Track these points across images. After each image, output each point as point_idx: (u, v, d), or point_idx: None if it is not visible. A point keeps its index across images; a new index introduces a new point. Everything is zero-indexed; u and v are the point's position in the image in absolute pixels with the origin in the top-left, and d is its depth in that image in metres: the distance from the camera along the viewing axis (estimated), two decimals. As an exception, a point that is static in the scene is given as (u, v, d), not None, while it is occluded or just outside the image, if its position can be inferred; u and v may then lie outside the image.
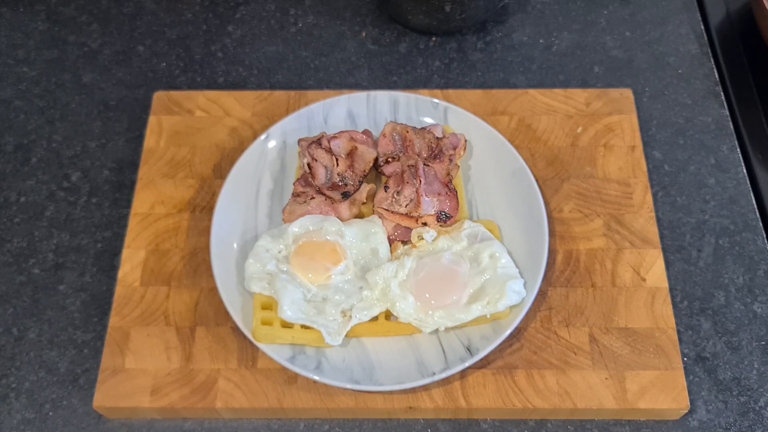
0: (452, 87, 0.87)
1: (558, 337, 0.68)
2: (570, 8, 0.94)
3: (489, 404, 0.65)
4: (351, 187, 0.73)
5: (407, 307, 0.67)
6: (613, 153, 0.79)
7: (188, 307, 0.70)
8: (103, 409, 0.66)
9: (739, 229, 0.76)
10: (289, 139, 0.79)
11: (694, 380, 0.68)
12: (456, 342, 0.67)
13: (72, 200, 0.79)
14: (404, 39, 0.92)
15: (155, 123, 0.81)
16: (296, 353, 0.66)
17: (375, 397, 0.65)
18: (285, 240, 0.71)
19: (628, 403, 0.65)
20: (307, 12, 0.94)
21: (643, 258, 0.72)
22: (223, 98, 0.83)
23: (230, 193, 0.74)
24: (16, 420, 0.67)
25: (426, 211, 0.71)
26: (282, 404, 0.65)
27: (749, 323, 0.71)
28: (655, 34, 0.91)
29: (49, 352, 0.70)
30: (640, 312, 0.69)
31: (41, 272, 0.75)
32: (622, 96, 0.83)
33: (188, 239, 0.74)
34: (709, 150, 0.81)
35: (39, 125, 0.85)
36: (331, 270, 0.69)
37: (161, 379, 0.66)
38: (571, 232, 0.74)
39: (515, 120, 0.81)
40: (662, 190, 0.78)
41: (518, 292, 0.67)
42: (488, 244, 0.70)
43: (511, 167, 0.75)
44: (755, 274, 0.73)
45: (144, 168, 0.79)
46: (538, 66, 0.89)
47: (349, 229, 0.71)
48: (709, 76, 0.87)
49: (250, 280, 0.69)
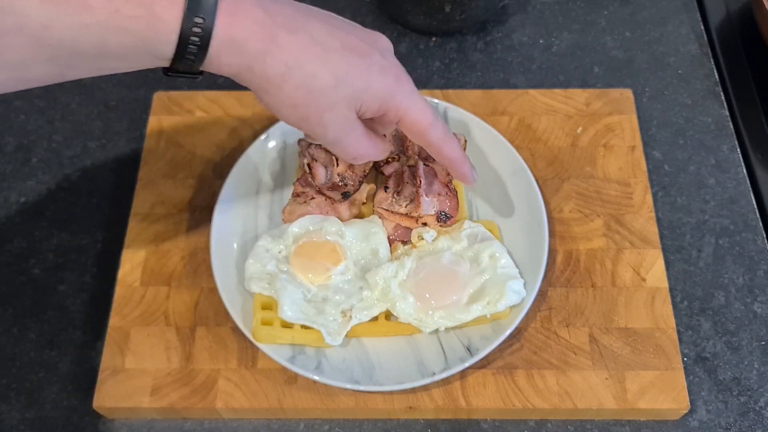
0: (452, 87, 0.87)
1: (558, 337, 0.68)
2: (570, 8, 0.94)
3: (489, 404, 0.65)
4: (351, 187, 0.73)
5: (407, 307, 0.67)
6: (613, 153, 0.79)
7: (188, 307, 0.70)
8: (103, 409, 0.66)
9: (739, 229, 0.76)
10: (289, 139, 0.79)
11: (694, 380, 0.68)
12: (456, 342, 0.67)
13: (72, 200, 0.79)
14: (404, 39, 0.92)
15: (155, 123, 0.81)
16: (296, 353, 0.66)
17: (375, 397, 0.65)
18: (285, 240, 0.71)
19: (628, 403, 0.65)
20: (307, 12, 0.94)
21: (643, 258, 0.72)
22: (223, 98, 0.83)
23: (230, 193, 0.74)
24: (16, 420, 0.67)
25: (426, 211, 0.71)
26: (282, 404, 0.65)
27: (749, 323, 0.71)
28: (655, 34, 0.91)
29: (49, 352, 0.70)
30: (640, 312, 0.69)
31: (41, 272, 0.75)
32: (622, 96, 0.83)
33: (188, 239, 0.74)
34: (709, 150, 0.81)
35: (39, 125, 0.85)
36: (331, 270, 0.69)
37: (161, 379, 0.66)
38: (571, 232, 0.74)
39: (515, 120, 0.81)
40: (662, 190, 0.79)
41: (518, 292, 0.67)
42: (488, 244, 0.70)
43: (511, 167, 0.75)
44: (755, 274, 0.73)
45: (144, 168, 0.79)
46: (538, 66, 0.89)
47: (349, 229, 0.71)
48: (709, 76, 0.87)
49: (250, 280, 0.69)
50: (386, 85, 0.55)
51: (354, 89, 0.54)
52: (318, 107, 0.54)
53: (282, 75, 0.51)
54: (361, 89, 0.54)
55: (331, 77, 0.52)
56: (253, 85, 0.53)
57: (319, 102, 0.53)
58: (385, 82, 0.55)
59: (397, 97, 0.56)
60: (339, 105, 0.54)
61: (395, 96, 0.56)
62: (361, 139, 0.58)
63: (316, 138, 0.57)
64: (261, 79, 0.52)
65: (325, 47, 0.52)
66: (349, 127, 0.56)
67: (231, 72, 0.51)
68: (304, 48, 0.51)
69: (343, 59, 0.53)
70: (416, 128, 0.58)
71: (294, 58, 0.51)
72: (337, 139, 0.56)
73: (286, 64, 0.51)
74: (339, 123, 0.55)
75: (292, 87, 0.52)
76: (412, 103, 0.57)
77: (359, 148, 0.59)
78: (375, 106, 0.56)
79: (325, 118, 0.54)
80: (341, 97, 0.54)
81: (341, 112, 0.54)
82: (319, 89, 0.52)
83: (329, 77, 0.52)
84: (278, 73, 0.51)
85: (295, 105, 0.53)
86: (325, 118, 0.54)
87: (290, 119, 0.55)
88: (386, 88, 0.55)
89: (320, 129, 0.55)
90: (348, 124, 0.56)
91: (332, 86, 0.53)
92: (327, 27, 0.54)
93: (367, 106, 0.55)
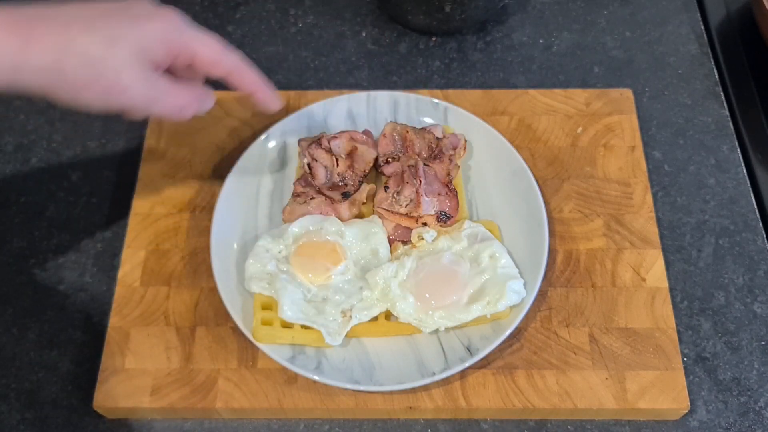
0: (452, 87, 0.86)
1: (558, 337, 0.68)
2: (570, 8, 0.94)
3: (489, 404, 0.65)
4: (351, 187, 0.73)
5: (407, 307, 0.67)
6: (613, 153, 0.79)
7: (188, 307, 0.70)
8: (103, 409, 0.66)
9: (739, 229, 0.76)
10: (289, 139, 0.79)
11: (694, 380, 0.68)
12: (456, 342, 0.67)
13: (72, 200, 0.79)
14: (404, 39, 0.92)
15: (155, 123, 0.81)
16: (296, 353, 0.66)
17: (375, 397, 0.65)
18: (285, 240, 0.71)
19: (628, 403, 0.65)
20: (307, 12, 0.94)
21: (643, 258, 0.72)
22: (223, 98, 0.83)
23: (230, 193, 0.74)
24: (16, 420, 0.67)
25: (426, 211, 0.71)
26: (282, 404, 0.65)
27: (749, 323, 0.71)
28: (655, 34, 0.91)
29: (49, 352, 0.70)
30: (640, 312, 0.69)
31: (41, 272, 0.75)
32: (622, 96, 0.83)
33: (188, 239, 0.74)
34: (709, 150, 0.81)
35: (39, 125, 0.85)
36: (331, 270, 0.69)
37: (161, 379, 0.66)
38: (571, 232, 0.74)
39: (515, 120, 0.81)
40: (662, 190, 0.79)
41: (518, 292, 0.67)
42: (488, 244, 0.70)
43: (511, 167, 0.75)
44: (755, 274, 0.73)
45: (144, 168, 0.79)
46: (538, 66, 0.89)
47: (349, 229, 0.71)
48: (709, 76, 0.87)
49: (250, 280, 0.69)
50: (161, 26, 0.54)
51: (132, 43, 0.52)
52: (109, 76, 0.52)
53: (57, 60, 0.49)
54: (139, 39, 0.53)
55: (104, 40, 0.51)
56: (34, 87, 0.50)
57: (107, 70, 0.51)
58: (159, 25, 0.54)
59: (178, 34, 0.55)
60: (127, 64, 0.52)
61: (176, 34, 0.55)
62: (175, 90, 0.57)
63: (136, 111, 0.55)
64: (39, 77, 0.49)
65: (85, 19, 0.51)
66: (154, 83, 0.54)
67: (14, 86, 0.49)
68: (64, 27, 0.50)
69: (107, 21, 0.52)
70: (210, 58, 0.58)
71: (60, 39, 0.49)
72: (151, 98, 0.55)
73: (55, 47, 0.49)
74: (141, 82, 0.53)
75: (73, 67, 0.50)
76: (195, 35, 0.57)
77: (178, 98, 0.57)
78: (162, 52, 0.54)
79: (124, 82, 0.52)
80: (125, 56, 0.52)
81: (134, 70, 0.53)
82: (99, 57, 0.51)
83: (102, 41, 0.51)
84: (51, 59, 0.49)
85: (87, 85, 0.51)
86: (123, 83, 0.52)
87: (94, 103, 0.53)
88: (162, 28, 0.54)
89: (127, 98, 0.53)
90: (150, 80, 0.54)
91: (110, 48, 0.51)
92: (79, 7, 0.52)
93: (155, 55, 0.54)
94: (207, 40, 0.58)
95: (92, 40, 0.50)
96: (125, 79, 0.52)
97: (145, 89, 0.53)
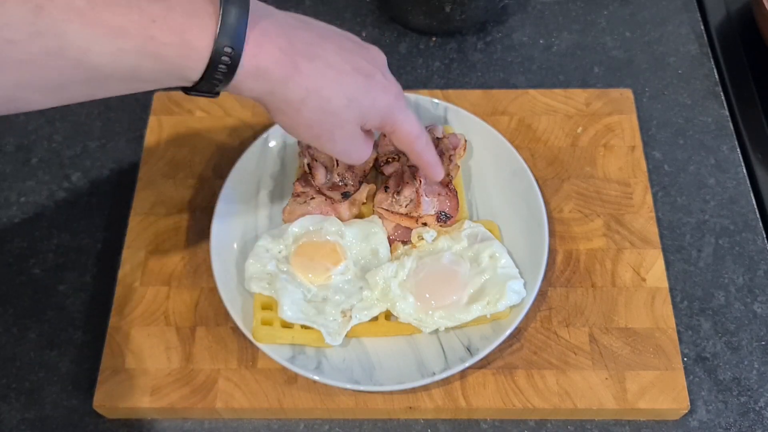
0: (452, 87, 0.87)
1: (558, 337, 0.68)
2: (570, 8, 0.94)
3: (489, 404, 0.65)
4: (351, 187, 0.73)
5: (407, 307, 0.67)
6: (613, 153, 0.79)
7: (188, 307, 0.70)
8: (103, 409, 0.66)
9: (739, 229, 0.76)
10: (289, 139, 0.79)
11: (694, 380, 0.68)
12: (456, 342, 0.67)
13: (72, 200, 0.79)
14: (404, 39, 0.92)
15: (155, 123, 0.81)
16: (296, 353, 0.66)
17: (375, 397, 0.65)
18: (285, 240, 0.71)
19: (628, 403, 0.65)
20: (307, 12, 0.93)
21: (643, 258, 0.72)
22: (223, 98, 0.83)
23: (230, 194, 0.74)
24: (16, 420, 0.67)
25: (426, 211, 0.71)
26: (282, 404, 0.65)
27: (749, 323, 0.71)
28: (655, 34, 0.91)
29: (49, 352, 0.70)
30: (640, 312, 0.69)
31: (41, 272, 0.75)
32: (622, 96, 0.83)
33: (188, 239, 0.74)
34: (709, 150, 0.81)
35: (39, 125, 0.85)
36: (331, 270, 0.69)
37: (161, 379, 0.66)
38: (571, 232, 0.74)
39: (515, 120, 0.81)
40: (662, 190, 0.79)
41: (518, 292, 0.67)
42: (488, 244, 0.70)
43: (511, 167, 0.75)
44: (755, 274, 0.73)
45: (144, 168, 0.79)
46: (538, 66, 0.89)
47: (349, 229, 0.71)
48: (709, 76, 0.87)
49: (250, 280, 0.69)
50: (388, 102, 0.61)
51: (361, 108, 0.59)
52: (331, 126, 0.59)
53: (302, 99, 0.55)
54: (368, 107, 0.59)
55: (344, 99, 0.57)
56: (271, 107, 0.57)
57: (332, 121, 0.58)
58: (387, 99, 0.61)
59: (395, 112, 0.62)
60: (349, 122, 0.59)
61: (394, 112, 0.62)
62: (367, 146, 0.64)
63: (323, 150, 0.62)
64: (281, 102, 0.56)
65: (338, 71, 0.57)
66: (354, 139, 0.62)
67: (252, 95, 0.55)
68: (321, 73, 0.56)
69: (353, 81, 0.58)
70: (407, 139, 0.64)
71: (312, 83, 0.55)
72: (345, 150, 0.62)
73: (306, 89, 0.55)
74: (347, 137, 0.61)
75: (310, 109, 0.56)
76: (405, 117, 0.63)
77: (361, 154, 0.64)
78: (377, 121, 0.61)
79: (336, 135, 0.60)
80: (351, 116, 0.59)
81: (350, 128, 0.60)
82: (332, 110, 0.57)
83: (342, 99, 0.57)
84: (299, 97, 0.55)
85: (311, 125, 0.58)
86: (335, 135, 0.60)
87: (304, 137, 0.60)
88: (387, 104, 0.61)
89: (330, 144, 0.61)
90: (354, 136, 0.61)
91: (344, 107, 0.58)
92: (338, 50, 0.58)
93: (370, 121, 0.61)
94: (411, 121, 0.63)
95: (336, 96, 0.57)
96: (338, 133, 0.59)
97: (346, 142, 0.61)
